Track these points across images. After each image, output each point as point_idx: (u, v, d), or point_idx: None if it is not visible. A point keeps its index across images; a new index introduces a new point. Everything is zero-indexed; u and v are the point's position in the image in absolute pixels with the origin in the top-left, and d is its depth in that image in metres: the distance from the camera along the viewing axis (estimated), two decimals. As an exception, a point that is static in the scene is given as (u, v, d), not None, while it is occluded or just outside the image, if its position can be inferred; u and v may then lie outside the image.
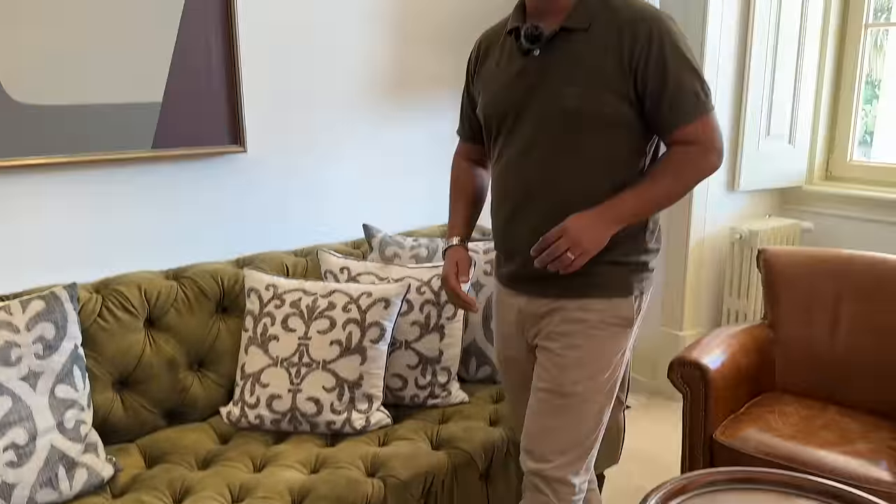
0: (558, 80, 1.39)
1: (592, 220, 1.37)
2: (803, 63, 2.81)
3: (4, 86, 1.72)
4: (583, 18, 1.40)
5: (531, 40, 1.41)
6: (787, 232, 2.85)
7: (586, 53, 1.38)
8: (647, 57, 1.36)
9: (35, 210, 1.83)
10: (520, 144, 1.45)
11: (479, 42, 1.60)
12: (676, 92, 1.37)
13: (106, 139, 1.87)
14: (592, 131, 1.39)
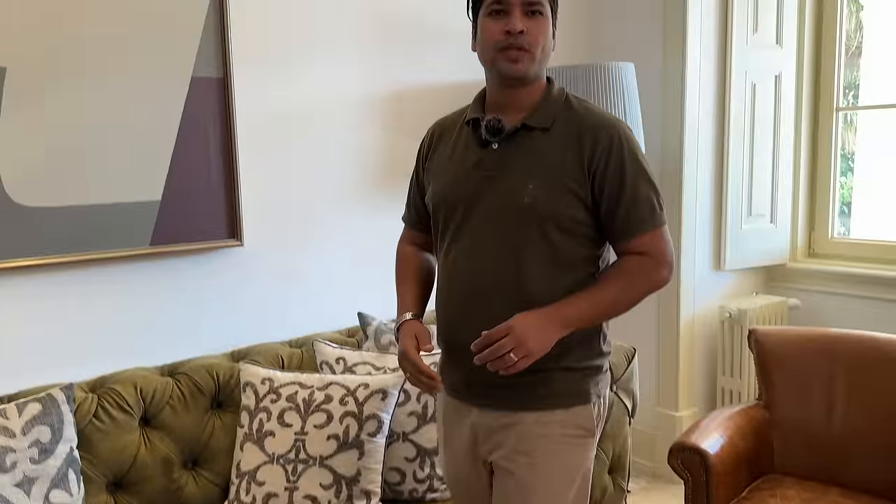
0: (517, 175, 1.38)
1: (541, 321, 1.31)
2: (779, 146, 2.92)
3: (6, 188, 1.75)
4: (546, 117, 1.40)
5: (493, 133, 1.40)
6: (775, 309, 2.89)
7: (547, 152, 1.38)
8: (607, 162, 1.37)
9: (33, 310, 1.83)
10: (472, 237, 1.41)
11: (433, 130, 1.57)
12: (633, 200, 1.38)
13: (104, 238, 1.90)
14: (547, 230, 1.37)
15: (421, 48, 2.49)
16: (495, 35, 1.36)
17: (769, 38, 2.85)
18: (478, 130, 1.43)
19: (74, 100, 1.82)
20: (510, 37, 1.34)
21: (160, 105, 1.94)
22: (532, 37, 1.36)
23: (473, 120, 1.45)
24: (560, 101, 1.43)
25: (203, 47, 1.99)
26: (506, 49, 1.36)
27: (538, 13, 1.36)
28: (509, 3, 1.35)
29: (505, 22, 1.35)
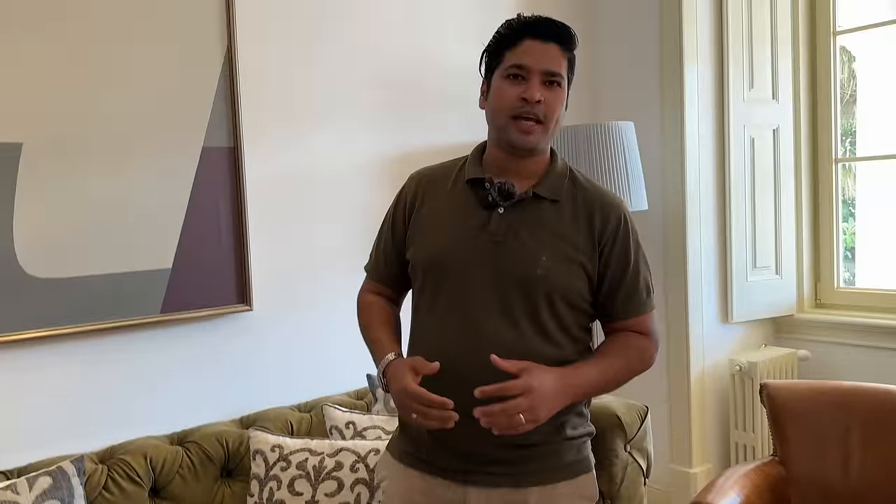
0: (530, 245, 1.33)
1: (556, 389, 1.26)
2: (780, 198, 2.95)
3: (20, 260, 1.78)
4: (555, 189, 1.38)
5: (505, 197, 1.35)
6: (784, 361, 2.88)
7: (558, 224, 1.36)
8: (615, 242, 1.38)
9: (43, 380, 1.84)
10: (470, 301, 1.33)
11: (418, 181, 1.47)
12: (635, 282, 1.40)
13: (116, 307, 1.91)
14: (555, 302, 1.34)
15: (426, 111, 2.54)
16: (511, 100, 1.33)
17: (765, 93, 2.91)
18: (480, 190, 1.37)
19: (88, 173, 1.86)
20: (526, 105, 1.32)
21: (172, 175, 1.98)
22: (549, 108, 1.33)
23: (477, 180, 1.39)
24: (565, 173, 1.42)
25: (214, 118, 2.04)
26: (519, 118, 1.32)
27: (557, 84, 1.35)
28: (530, 69, 1.32)
29: (523, 88, 1.32)
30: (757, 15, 2.85)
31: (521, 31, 1.35)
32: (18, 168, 1.76)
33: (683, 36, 2.71)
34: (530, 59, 1.33)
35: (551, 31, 1.35)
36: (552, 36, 1.35)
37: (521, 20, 1.37)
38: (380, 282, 1.52)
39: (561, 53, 1.35)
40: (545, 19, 1.37)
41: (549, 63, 1.34)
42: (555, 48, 1.35)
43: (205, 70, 2.03)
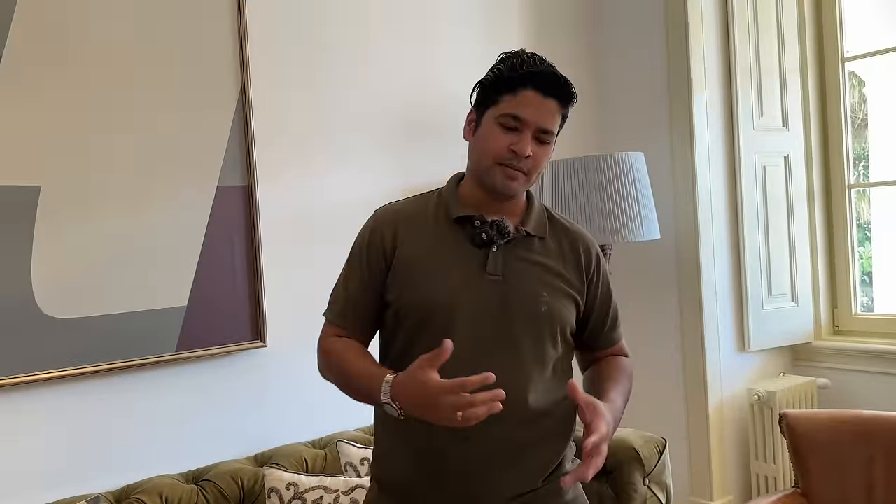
0: (530, 283, 1.33)
1: (611, 432, 1.23)
2: (794, 224, 2.94)
3: (37, 301, 1.80)
4: (540, 227, 1.39)
5: (502, 235, 1.33)
6: (803, 390, 2.84)
7: (548, 260, 1.37)
8: (597, 275, 1.43)
9: (58, 420, 1.84)
10: (475, 342, 1.28)
11: (393, 221, 1.39)
12: (614, 312, 1.48)
13: (132, 346, 1.92)
14: (556, 339, 1.35)
15: (438, 148, 2.56)
16: (500, 149, 1.31)
17: (775, 121, 2.91)
18: (468, 228, 1.34)
19: (105, 213, 1.89)
20: (515, 157, 1.30)
21: (187, 215, 2.01)
22: (536, 163, 1.33)
23: (466, 218, 1.35)
24: (543, 211, 1.44)
25: (228, 158, 2.07)
26: (506, 166, 1.31)
27: (547, 142, 1.34)
28: (526, 123, 1.30)
29: (515, 140, 1.30)
30: (764, 43, 2.87)
31: (524, 80, 1.31)
32: (37, 210, 1.79)
33: (691, 65, 2.73)
34: (527, 112, 1.30)
35: (554, 86, 1.32)
36: (554, 91, 1.32)
37: (527, 66, 1.31)
38: (346, 329, 1.39)
39: (558, 109, 1.33)
40: (551, 72, 1.32)
41: (545, 120, 1.31)
42: (553, 104, 1.32)
43: (219, 112, 2.06)
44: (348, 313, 1.39)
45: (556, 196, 2.52)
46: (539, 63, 1.32)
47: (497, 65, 1.36)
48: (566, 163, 2.51)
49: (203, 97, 2.03)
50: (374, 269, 1.37)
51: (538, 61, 1.33)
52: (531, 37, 2.84)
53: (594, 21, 3.04)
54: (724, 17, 2.81)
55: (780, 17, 2.91)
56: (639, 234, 2.48)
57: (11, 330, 1.75)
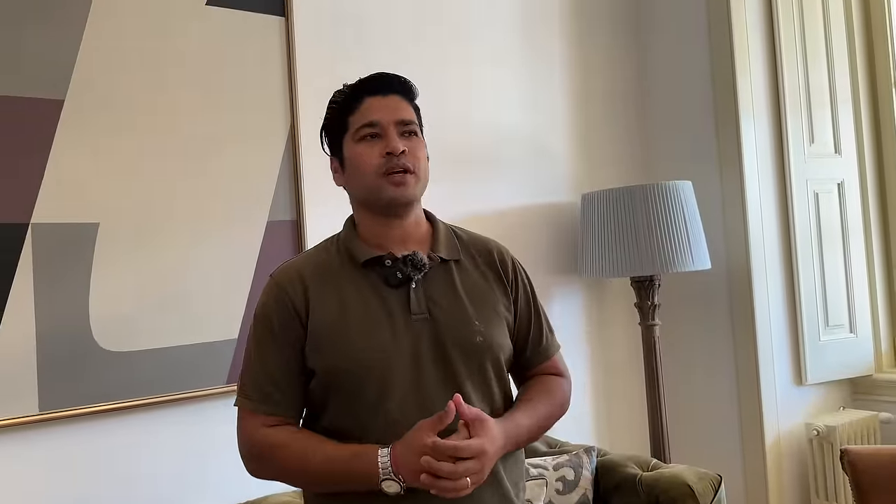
0: (459, 314, 1.26)
1: (500, 447, 1.19)
2: (850, 254, 2.85)
3: (94, 335, 1.84)
4: (452, 249, 1.32)
5: (418, 268, 1.25)
6: (865, 425, 2.73)
7: (471, 284, 1.30)
8: (516, 281, 1.36)
9: (116, 453, 1.87)
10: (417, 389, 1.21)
11: (300, 284, 1.26)
12: (540, 324, 1.39)
13: (184, 378, 1.95)
14: (489, 368, 1.28)
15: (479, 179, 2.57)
16: (374, 159, 1.25)
17: (827, 148, 2.85)
18: (379, 270, 1.26)
19: (159, 249, 1.94)
20: (392, 158, 1.24)
21: (239, 248, 2.05)
22: (414, 157, 1.27)
23: (375, 259, 1.27)
24: (449, 231, 1.37)
25: (278, 193, 2.11)
26: (389, 173, 1.24)
27: (413, 133, 1.29)
28: (383, 124, 1.26)
29: (383, 144, 1.25)
30: (813, 68, 2.82)
31: (359, 92, 1.29)
32: (95, 247, 1.85)
33: (738, 92, 2.70)
34: (379, 114, 1.26)
35: (388, 83, 1.29)
36: (391, 88, 1.29)
37: (353, 83, 1.32)
38: (277, 413, 1.25)
39: (406, 103, 1.30)
40: (378, 74, 1.31)
41: (399, 113, 1.28)
42: (397, 99, 1.29)
43: (270, 148, 2.11)
44: (275, 395, 1.24)
45: (603, 226, 2.49)
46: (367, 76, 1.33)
47: (329, 103, 1.36)
48: (613, 193, 2.49)
49: (254, 134, 2.09)
50: (291, 338, 1.24)
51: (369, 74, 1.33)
52: (575, 73, 2.85)
53: (638, 48, 3.03)
54: (770, 42, 2.78)
55: (829, 41, 2.86)
56: (689, 264, 2.44)
57: (70, 363, 1.80)
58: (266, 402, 1.25)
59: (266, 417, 1.25)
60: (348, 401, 1.22)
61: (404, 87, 1.31)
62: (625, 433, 2.87)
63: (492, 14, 2.64)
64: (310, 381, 1.26)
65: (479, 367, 1.26)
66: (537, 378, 1.38)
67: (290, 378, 1.25)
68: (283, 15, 2.14)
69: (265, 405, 1.25)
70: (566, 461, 2.09)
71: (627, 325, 2.91)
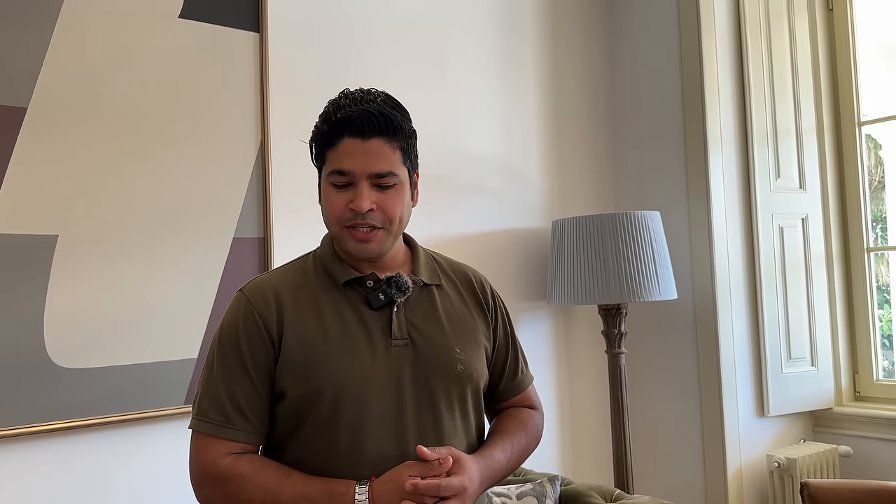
0: (439, 339, 1.22)
1: (478, 487, 1.17)
2: (813, 288, 2.90)
3: (49, 350, 1.78)
4: (433, 274, 1.29)
5: (402, 291, 1.21)
6: (825, 457, 2.75)
7: (452, 310, 1.27)
8: (496, 313, 1.34)
9: (65, 472, 1.81)
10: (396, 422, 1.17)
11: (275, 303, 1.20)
12: (516, 356, 1.38)
13: (141, 397, 1.90)
14: (468, 397, 1.25)
15: (455, 202, 2.57)
16: (339, 211, 1.18)
17: (792, 183, 2.91)
18: (359, 290, 1.22)
19: (119, 264, 1.89)
20: (357, 215, 1.16)
21: (202, 265, 2.01)
22: (385, 213, 1.18)
23: (356, 280, 1.22)
24: (429, 255, 1.33)
25: (245, 210, 2.08)
26: (353, 228, 1.18)
27: (391, 185, 1.18)
28: (355, 174, 1.16)
29: (351, 196, 1.16)
30: (780, 105, 2.88)
31: (339, 129, 1.16)
32: (53, 259, 1.80)
33: (707, 125, 2.74)
34: (352, 163, 1.15)
35: (371, 124, 1.15)
36: (373, 129, 1.15)
37: (340, 111, 1.17)
38: (239, 439, 1.17)
39: (388, 146, 1.17)
40: (363, 111, 1.16)
41: (374, 165, 1.15)
42: (378, 143, 1.16)
43: (238, 164, 2.08)
44: (237, 420, 1.16)
45: (573, 254, 2.50)
46: (354, 103, 1.17)
47: (316, 122, 1.24)
48: (583, 220, 2.50)
49: (222, 150, 2.06)
50: (259, 361, 1.18)
51: (353, 101, 1.18)
52: (549, 100, 2.87)
53: (612, 79, 3.07)
54: (739, 78, 2.83)
55: (797, 79, 2.93)
56: (655, 293, 2.46)
57: (21, 379, 1.74)
58: (227, 426, 1.17)
59: (226, 443, 1.17)
60: (321, 427, 1.16)
61: (389, 126, 1.17)
62: (589, 461, 2.86)
63: (467, 38, 2.66)
64: (276, 404, 1.20)
65: (459, 396, 1.23)
66: (512, 411, 1.36)
67: (255, 402, 1.18)
68: (258, 31, 2.13)
69: (226, 430, 1.17)
70: (530, 490, 2.07)
71: (594, 353, 2.91)
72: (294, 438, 1.19)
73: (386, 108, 1.17)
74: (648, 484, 2.89)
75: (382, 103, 1.18)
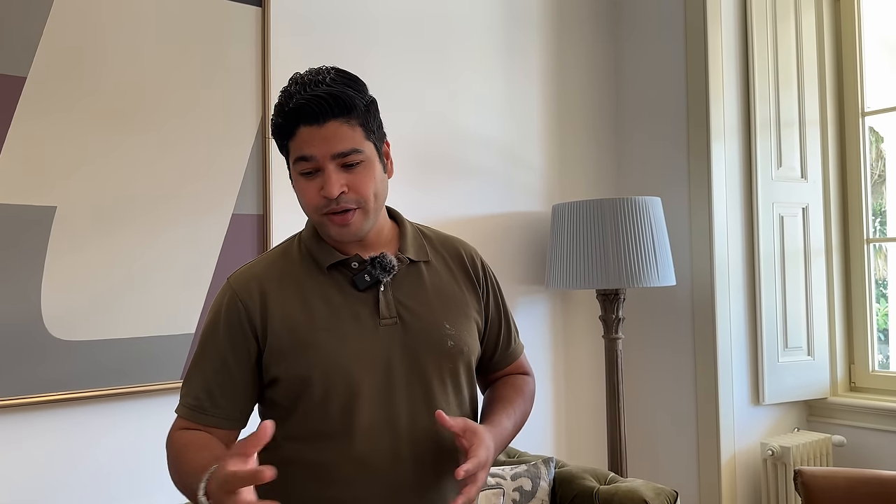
0: (429, 317, 1.22)
1: (493, 455, 1.17)
2: (811, 278, 2.90)
3: (46, 322, 1.78)
4: (420, 250, 1.27)
5: (387, 271, 1.20)
6: (818, 447, 2.77)
7: (441, 284, 1.26)
8: (486, 282, 1.33)
9: (64, 444, 1.81)
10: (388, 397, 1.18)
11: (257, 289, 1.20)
12: (509, 326, 1.38)
13: (138, 371, 1.90)
14: (469, 370, 1.26)
15: (454, 183, 2.56)
16: (313, 199, 1.16)
17: (794, 172, 2.90)
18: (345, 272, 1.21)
19: (118, 238, 1.88)
20: (331, 201, 1.14)
21: (201, 240, 2.00)
22: (358, 192, 1.15)
23: (342, 262, 1.21)
24: (417, 231, 1.32)
25: (245, 186, 2.07)
26: (330, 214, 1.16)
27: (355, 163, 1.15)
28: (317, 159, 1.13)
29: (321, 183, 1.14)
30: (784, 94, 2.87)
31: (293, 119, 1.14)
32: (51, 231, 1.79)
33: (710, 112, 2.73)
34: (312, 148, 1.13)
35: (323, 108, 1.12)
36: (327, 113, 1.12)
37: (290, 104, 1.14)
38: (205, 422, 1.19)
39: (346, 126, 1.13)
40: (313, 97, 1.12)
41: (334, 146, 1.13)
42: (335, 125, 1.13)
43: (239, 140, 2.07)
44: (206, 405, 1.19)
45: (572, 238, 2.50)
46: (303, 89, 1.14)
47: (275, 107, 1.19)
48: (583, 204, 2.49)
49: (223, 125, 2.04)
50: (238, 351, 1.19)
51: (303, 87, 1.14)
52: (552, 84, 2.86)
53: (616, 64, 3.05)
54: (744, 67, 2.82)
55: (801, 69, 2.91)
56: (654, 279, 2.45)
57: (17, 350, 1.74)
58: (196, 411, 1.20)
59: (192, 424, 1.20)
60: (315, 409, 1.17)
61: (342, 106, 1.13)
62: (583, 445, 2.87)
63: (471, 20, 2.64)
64: (266, 390, 1.22)
65: (451, 372, 1.23)
66: (507, 378, 1.37)
67: (229, 390, 1.19)
68: (260, 5, 2.11)
69: (198, 416, 1.20)
70: (524, 471, 2.08)
71: (591, 338, 2.92)
72: (289, 421, 1.20)
73: (336, 88, 1.13)
74: (642, 469, 2.90)
75: (332, 82, 1.14)
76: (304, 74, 1.17)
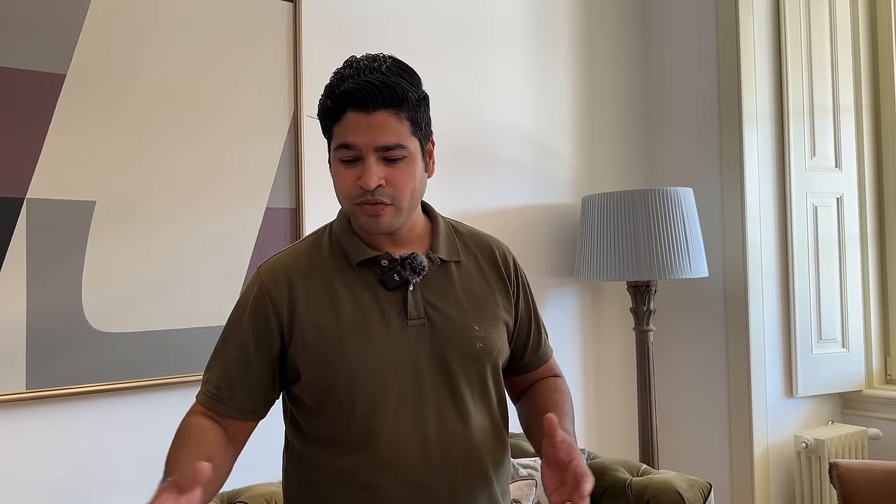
0: (459, 319, 1.20)
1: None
2: (846, 269, 2.86)
3: (86, 314, 1.82)
4: (452, 249, 1.25)
5: (417, 271, 1.18)
6: (853, 439, 2.73)
7: (471, 286, 1.24)
8: (517, 282, 1.31)
9: (103, 434, 1.85)
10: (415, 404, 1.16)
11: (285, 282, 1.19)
12: (539, 327, 1.36)
13: (175, 362, 1.93)
14: (496, 372, 1.24)
15: (486, 175, 2.56)
16: (348, 187, 1.13)
17: (828, 162, 2.85)
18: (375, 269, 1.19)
19: (156, 232, 1.91)
20: (366, 192, 1.12)
21: (236, 234, 2.02)
22: (395, 188, 1.13)
23: (371, 259, 1.19)
24: (449, 228, 1.29)
25: (278, 181, 2.09)
26: (363, 204, 1.13)
27: (400, 158, 1.12)
28: (360, 148, 1.11)
29: (359, 172, 1.12)
30: (818, 81, 2.83)
31: (342, 102, 1.11)
32: (90, 225, 1.82)
33: (742, 101, 2.70)
34: (357, 136, 1.10)
35: (375, 96, 1.09)
36: (377, 102, 1.09)
37: (341, 87, 1.11)
38: (218, 410, 1.19)
39: (394, 118, 1.11)
40: (366, 83, 1.09)
41: (379, 137, 1.10)
42: (384, 115, 1.10)
43: (272, 135, 2.09)
44: (223, 395, 1.18)
45: (602, 230, 2.49)
46: (357, 74, 1.11)
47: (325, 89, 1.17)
48: (614, 196, 2.48)
49: (257, 120, 2.07)
50: (262, 344, 1.18)
51: (357, 71, 1.11)
52: (582, 75, 2.84)
53: (646, 54, 3.03)
54: (776, 54, 2.78)
55: (835, 55, 2.86)
56: (686, 271, 2.44)
57: (59, 341, 1.78)
58: (213, 399, 1.19)
59: (212, 415, 1.20)
60: (339, 408, 1.16)
61: (394, 97, 1.11)
62: (615, 437, 2.86)
63: (502, 12, 2.63)
64: (291, 386, 1.22)
65: (478, 374, 1.21)
66: (549, 382, 1.34)
67: (247, 381, 1.19)
68: (292, 0, 2.12)
69: (211, 402, 1.20)
70: (556, 463, 2.08)
71: (622, 330, 2.90)
72: (314, 418, 1.19)
73: (391, 78, 1.10)
74: (673, 461, 2.89)
75: (388, 71, 1.11)
76: (360, 59, 1.14)
